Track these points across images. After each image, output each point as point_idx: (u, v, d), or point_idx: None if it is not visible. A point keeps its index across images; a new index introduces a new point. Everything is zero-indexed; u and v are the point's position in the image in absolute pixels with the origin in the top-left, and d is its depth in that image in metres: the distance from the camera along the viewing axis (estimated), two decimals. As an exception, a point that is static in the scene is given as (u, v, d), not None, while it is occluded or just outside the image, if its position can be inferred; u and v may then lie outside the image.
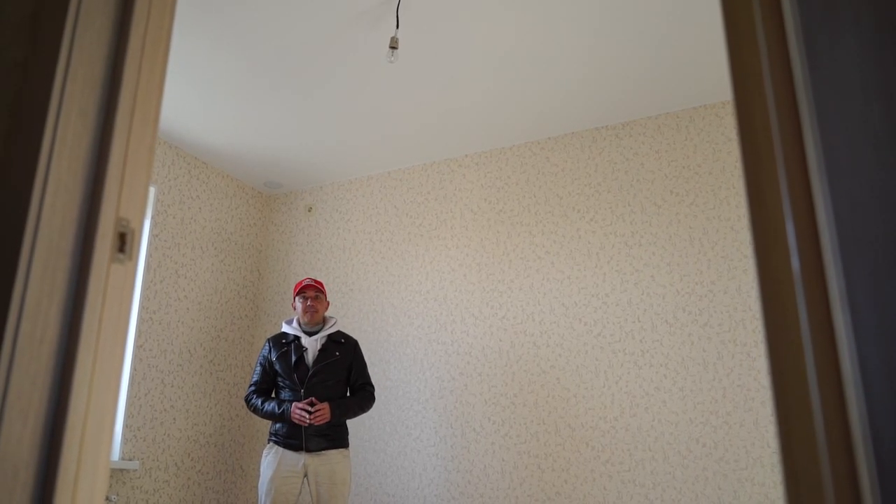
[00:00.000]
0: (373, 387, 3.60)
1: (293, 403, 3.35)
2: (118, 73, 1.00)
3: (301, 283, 3.62)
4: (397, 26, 3.01)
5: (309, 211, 4.87)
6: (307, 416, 3.28)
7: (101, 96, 0.98)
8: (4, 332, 0.83)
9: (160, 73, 1.07)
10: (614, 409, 3.55)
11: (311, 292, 3.58)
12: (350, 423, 3.92)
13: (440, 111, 3.89)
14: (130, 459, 3.79)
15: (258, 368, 3.57)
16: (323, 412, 3.30)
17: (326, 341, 3.53)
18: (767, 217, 0.61)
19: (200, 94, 3.78)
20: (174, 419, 4.09)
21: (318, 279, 4.28)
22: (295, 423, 3.35)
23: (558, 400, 3.69)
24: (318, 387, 3.40)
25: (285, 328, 3.61)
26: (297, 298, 3.62)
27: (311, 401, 3.34)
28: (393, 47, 2.91)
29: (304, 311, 3.56)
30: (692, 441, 3.33)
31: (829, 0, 0.60)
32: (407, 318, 4.26)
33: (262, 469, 3.39)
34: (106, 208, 0.94)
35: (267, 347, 3.59)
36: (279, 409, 3.38)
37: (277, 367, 3.50)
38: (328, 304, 3.70)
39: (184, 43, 3.32)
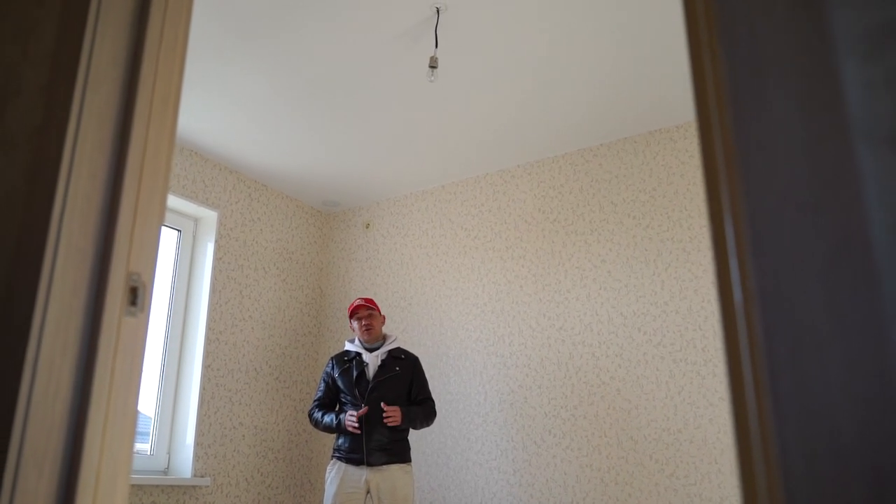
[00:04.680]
0: (434, 402, 3.63)
1: (346, 412, 3.42)
2: (126, 134, 1.04)
3: (352, 305, 3.69)
4: (436, 45, 3.03)
5: (367, 227, 4.94)
6: (355, 419, 3.34)
7: (111, 157, 1.03)
8: (19, 390, 0.88)
9: (170, 130, 1.12)
10: (677, 421, 3.45)
11: (364, 312, 3.65)
12: (412, 437, 3.95)
13: (490, 123, 3.88)
14: (202, 476, 3.93)
15: (321, 384, 3.68)
16: (395, 414, 3.35)
17: (387, 357, 3.58)
18: (726, 291, 0.59)
19: (257, 120, 3.90)
20: (243, 436, 4.22)
21: (369, 297, 4.33)
22: (356, 438, 3.40)
23: (619, 412, 3.62)
24: (378, 401, 3.45)
25: (347, 346, 3.71)
26: (352, 321, 3.69)
27: (366, 411, 3.39)
28: (432, 66, 2.93)
29: (361, 331, 3.63)
30: (761, 453, 3.20)
31: (757, 62, 0.57)
32: (465, 332, 4.26)
33: (326, 485, 3.47)
34: (116, 265, 0.98)
35: (330, 365, 3.69)
36: (335, 419, 3.46)
37: (340, 382, 3.58)
38: (384, 318, 3.76)
39: (239, 71, 3.43)
